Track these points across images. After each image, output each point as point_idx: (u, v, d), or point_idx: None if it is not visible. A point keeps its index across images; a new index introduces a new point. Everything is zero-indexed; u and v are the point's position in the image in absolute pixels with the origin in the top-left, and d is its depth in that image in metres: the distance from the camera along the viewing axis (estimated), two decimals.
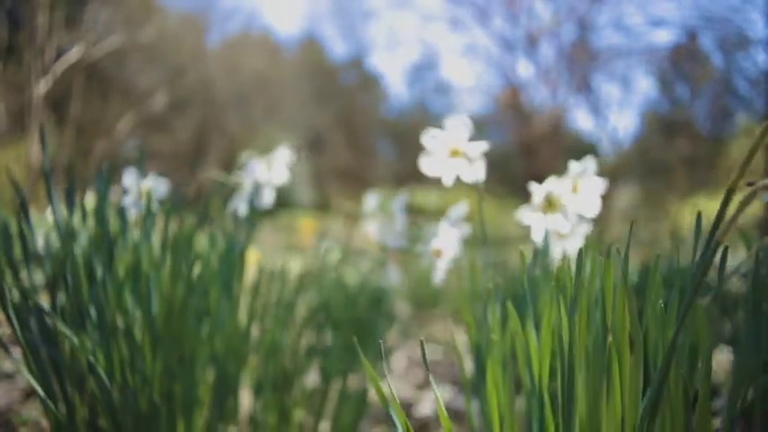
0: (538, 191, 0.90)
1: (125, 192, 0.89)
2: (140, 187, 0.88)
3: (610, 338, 0.46)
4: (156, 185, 0.91)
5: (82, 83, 5.33)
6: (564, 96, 8.20)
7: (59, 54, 4.89)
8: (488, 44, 8.52)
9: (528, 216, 0.91)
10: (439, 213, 1.10)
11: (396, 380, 1.61)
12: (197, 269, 0.80)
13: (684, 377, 0.45)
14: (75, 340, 0.68)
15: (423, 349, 0.47)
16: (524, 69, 8.63)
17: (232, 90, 9.97)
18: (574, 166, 0.93)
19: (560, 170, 0.95)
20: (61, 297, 0.73)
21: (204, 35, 10.29)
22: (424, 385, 1.60)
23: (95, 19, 5.68)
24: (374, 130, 12.47)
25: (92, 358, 0.68)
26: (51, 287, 0.72)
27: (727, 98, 6.39)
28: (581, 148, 9.32)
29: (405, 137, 12.23)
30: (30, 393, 1.01)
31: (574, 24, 7.52)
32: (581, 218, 0.96)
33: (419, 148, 0.98)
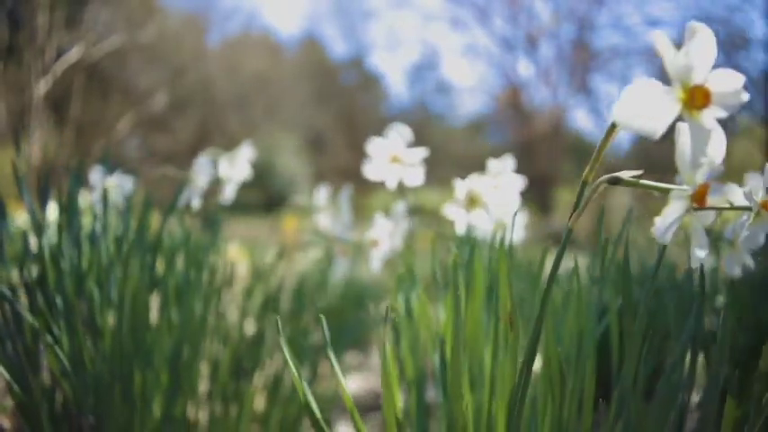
0: (460, 187, 0.96)
1: (92, 189, 0.93)
2: (106, 184, 0.91)
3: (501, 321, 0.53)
4: (122, 183, 0.95)
5: (82, 83, 5.34)
6: (564, 96, 8.21)
7: (59, 54, 4.90)
8: (488, 44, 8.53)
9: (451, 211, 0.96)
10: (439, 212, 1.11)
11: (374, 374, 1.63)
12: (159, 261, 0.84)
13: (559, 352, 0.51)
14: (36, 324, 0.72)
15: None
16: (524, 69, 8.64)
17: (232, 90, 9.97)
18: (493, 163, 0.98)
19: (561, 170, 0.98)
20: (35, 290, 0.77)
21: (204, 35, 10.31)
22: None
23: (95, 19, 5.69)
24: (374, 130, 12.44)
25: (54, 343, 0.72)
26: (20, 278, 0.76)
27: None
28: (581, 148, 9.33)
29: None
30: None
31: (573, 24, 7.53)
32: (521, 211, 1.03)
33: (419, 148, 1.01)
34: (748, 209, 0.55)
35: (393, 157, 0.98)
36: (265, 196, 8.99)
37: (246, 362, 0.93)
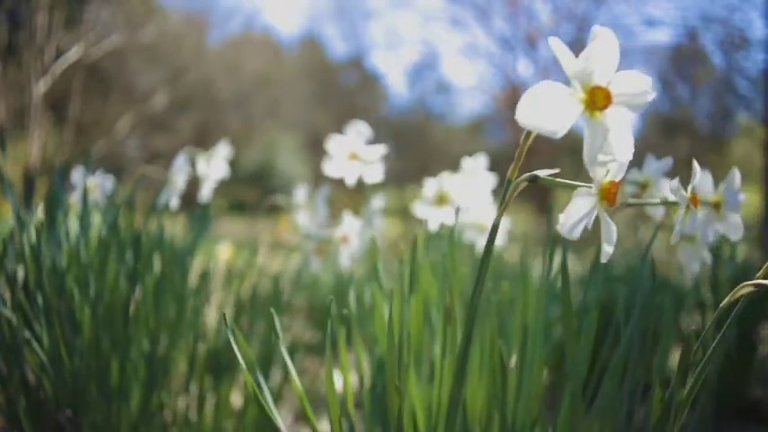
0: (429, 186, 0.97)
1: (73, 189, 0.94)
2: (86, 184, 0.92)
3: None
4: (103, 183, 0.96)
5: (82, 83, 5.34)
6: None
7: (59, 54, 4.89)
8: (488, 44, 8.52)
9: (421, 209, 0.98)
10: None
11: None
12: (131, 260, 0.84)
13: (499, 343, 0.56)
14: (14, 320, 0.73)
15: None
16: (524, 69, 8.64)
17: (233, 90, 9.96)
18: (467, 162, 1.00)
19: (560, 170, 0.98)
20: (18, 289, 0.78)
21: (205, 35, 10.29)
22: None
23: (95, 19, 5.69)
24: (374, 130, 12.44)
25: (33, 339, 0.73)
26: (2, 277, 0.78)
27: (727, 98, 6.39)
28: (581, 148, 9.29)
29: (405, 137, 12.22)
30: None
31: (572, 24, 7.52)
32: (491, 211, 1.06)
33: (419, 148, 1.01)
34: (676, 203, 0.56)
35: (352, 155, 1.00)
36: (265, 195, 8.99)
37: (223, 358, 0.93)
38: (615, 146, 0.41)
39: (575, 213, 0.43)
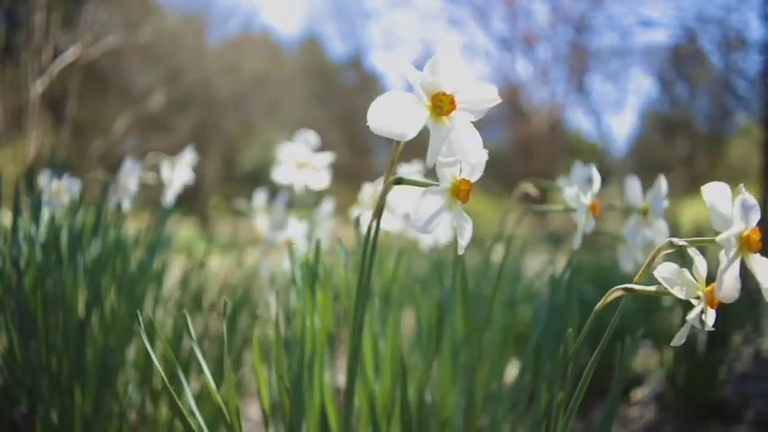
0: (366, 190, 1.01)
1: (43, 192, 0.96)
2: (53, 187, 0.94)
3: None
4: (70, 185, 0.98)
5: (79, 83, 5.33)
6: (562, 96, 8.21)
7: (57, 54, 4.88)
8: (487, 44, 8.53)
9: (357, 213, 1.00)
10: None
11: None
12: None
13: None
14: None
15: None
16: (523, 69, 8.65)
17: (231, 90, 9.95)
18: (403, 168, 1.04)
19: (559, 169, 0.98)
20: None
21: (203, 35, 10.27)
22: None
23: (93, 19, 5.68)
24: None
25: None
26: None
27: (725, 98, 6.40)
28: (581, 148, 9.32)
29: None
30: None
31: (570, 25, 7.52)
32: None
33: (418, 148, 1.02)
34: (574, 210, 0.58)
35: (300, 163, 1.05)
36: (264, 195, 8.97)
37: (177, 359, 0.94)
38: (465, 147, 0.44)
39: (425, 210, 0.44)
